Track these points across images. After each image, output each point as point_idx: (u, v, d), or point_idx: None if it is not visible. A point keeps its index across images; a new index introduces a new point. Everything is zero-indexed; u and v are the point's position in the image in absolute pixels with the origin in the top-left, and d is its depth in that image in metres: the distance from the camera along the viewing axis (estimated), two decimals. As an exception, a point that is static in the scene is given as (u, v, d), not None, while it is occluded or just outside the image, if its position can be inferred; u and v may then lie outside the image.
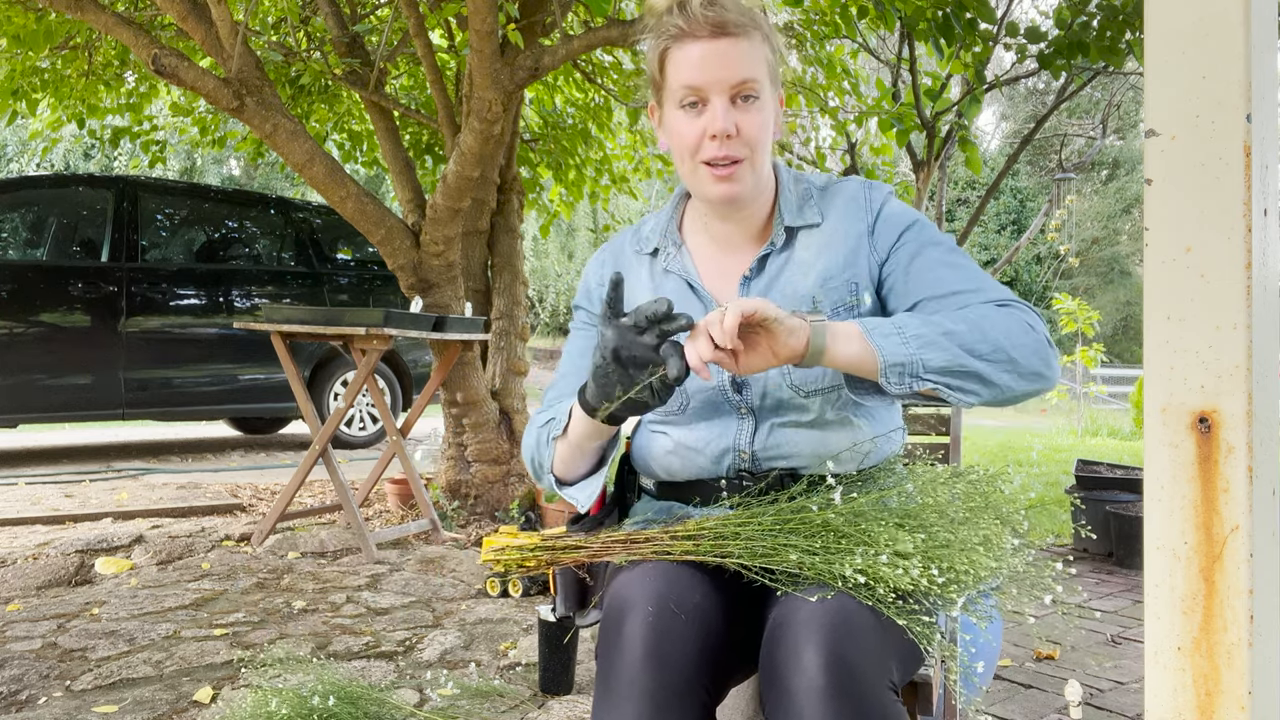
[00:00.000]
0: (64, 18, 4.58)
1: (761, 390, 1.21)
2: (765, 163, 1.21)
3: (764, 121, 1.17)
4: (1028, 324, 1.10)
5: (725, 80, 1.14)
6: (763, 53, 1.17)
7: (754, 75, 1.15)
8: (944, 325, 1.06)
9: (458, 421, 4.29)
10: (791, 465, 1.22)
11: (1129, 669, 2.55)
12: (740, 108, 1.15)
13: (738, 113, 1.15)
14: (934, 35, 3.98)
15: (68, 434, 8.23)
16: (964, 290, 1.14)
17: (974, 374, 1.05)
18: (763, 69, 1.16)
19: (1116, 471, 4.29)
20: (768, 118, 1.18)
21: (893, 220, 1.22)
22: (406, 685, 2.26)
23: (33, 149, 13.43)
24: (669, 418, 1.27)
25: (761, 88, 1.16)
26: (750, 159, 1.17)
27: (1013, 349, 1.07)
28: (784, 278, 1.23)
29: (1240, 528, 0.69)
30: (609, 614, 1.09)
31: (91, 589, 3.11)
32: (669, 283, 1.29)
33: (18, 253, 6.07)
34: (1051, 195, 15.23)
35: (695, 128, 1.16)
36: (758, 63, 1.16)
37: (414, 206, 4.26)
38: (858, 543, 1.06)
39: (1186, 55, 0.71)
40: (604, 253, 1.38)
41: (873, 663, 0.99)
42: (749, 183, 1.19)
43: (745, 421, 1.23)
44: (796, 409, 1.21)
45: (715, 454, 1.23)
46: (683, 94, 1.16)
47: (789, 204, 1.26)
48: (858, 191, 1.25)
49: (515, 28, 3.51)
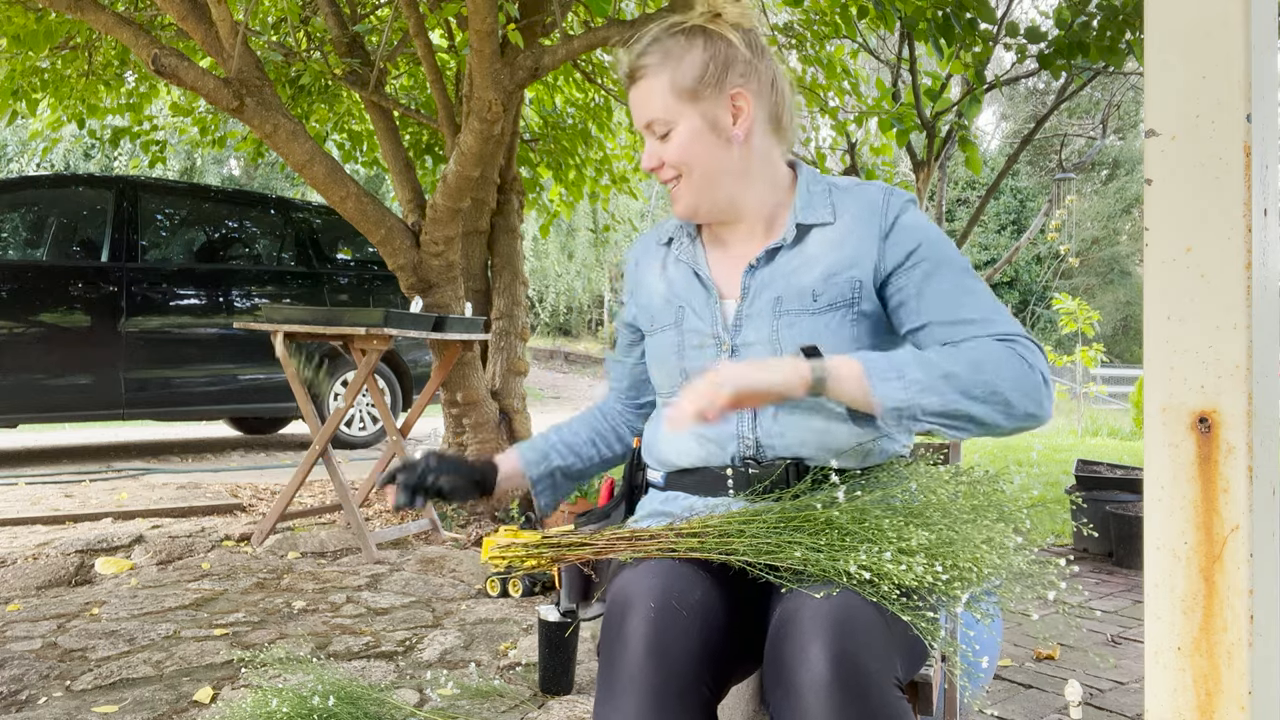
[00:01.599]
0: (64, 18, 4.59)
1: None
2: (715, 175, 1.26)
3: (683, 144, 1.25)
4: (1027, 364, 1.13)
5: (640, 124, 1.28)
6: (667, 82, 1.23)
7: (654, 115, 1.25)
8: (943, 367, 1.11)
9: (458, 421, 4.29)
10: (796, 455, 1.23)
11: (1129, 669, 2.55)
12: (661, 139, 1.26)
13: (661, 145, 1.26)
14: (934, 35, 3.98)
15: (68, 434, 8.23)
16: (974, 320, 1.17)
17: (968, 416, 1.11)
18: (666, 101, 1.24)
19: (1116, 471, 4.28)
20: (689, 139, 1.25)
21: (909, 231, 1.23)
22: (406, 685, 2.26)
23: (33, 149, 13.43)
24: (675, 396, 1.30)
25: (668, 119, 1.24)
26: (687, 176, 1.26)
27: (1009, 392, 1.11)
28: (788, 269, 1.25)
29: (1240, 528, 0.69)
30: (611, 610, 1.10)
31: (91, 589, 3.11)
32: (678, 271, 1.35)
33: (18, 253, 6.07)
34: (1051, 195, 15.23)
35: None
36: (658, 99, 1.24)
37: (414, 206, 4.26)
38: (862, 539, 1.06)
39: (1186, 55, 0.71)
40: (636, 245, 1.47)
41: (878, 659, 0.99)
42: (690, 198, 1.28)
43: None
44: None
45: (722, 439, 1.25)
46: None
47: (803, 201, 1.29)
48: (877, 196, 1.27)
49: (515, 28, 3.51)
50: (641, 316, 1.40)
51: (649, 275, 1.39)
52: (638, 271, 1.42)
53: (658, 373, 1.35)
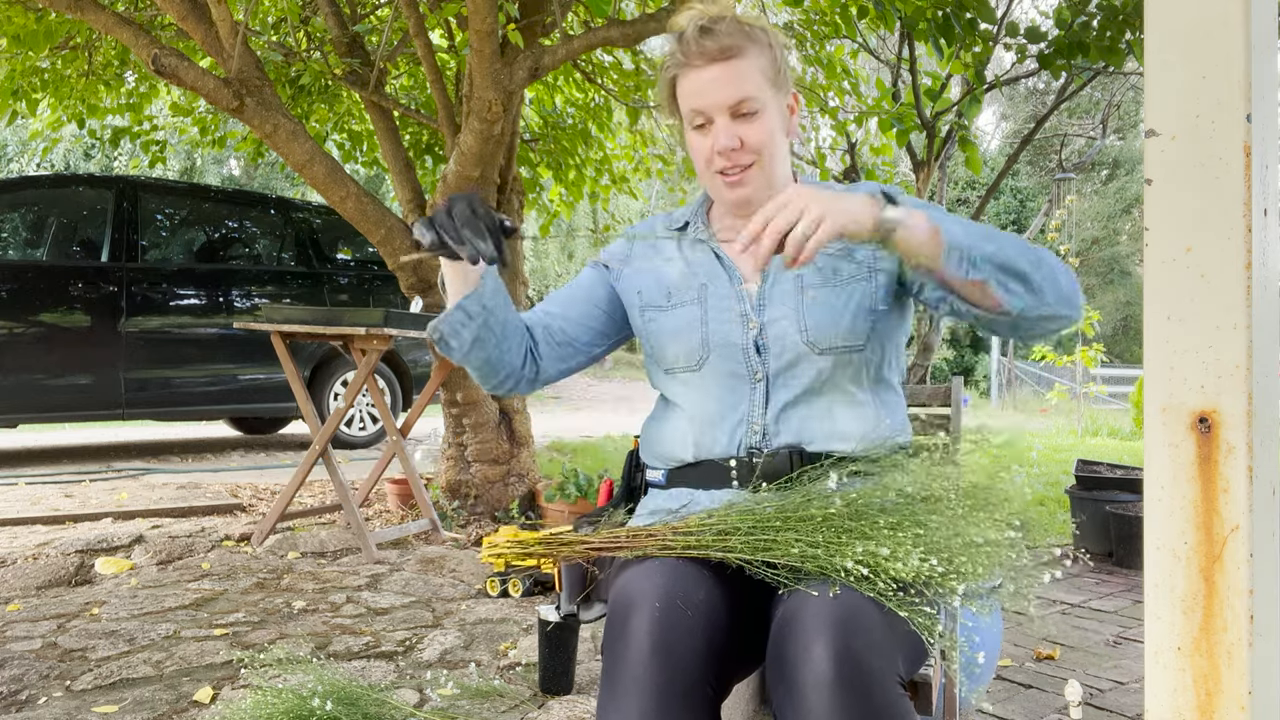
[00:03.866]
0: (64, 18, 4.58)
1: (780, 347, 1.26)
2: (779, 164, 1.29)
3: (767, 128, 1.25)
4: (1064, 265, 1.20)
5: (724, 102, 1.24)
6: (759, 65, 1.25)
7: (749, 93, 1.23)
8: (997, 233, 1.16)
9: (458, 421, 4.29)
10: (799, 442, 1.25)
11: (1129, 669, 2.55)
12: (742, 121, 1.24)
13: (740, 126, 1.24)
14: (934, 35, 3.98)
15: (68, 434, 8.23)
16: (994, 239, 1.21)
17: (1022, 274, 1.13)
18: (759, 82, 1.24)
19: (1116, 471, 4.28)
20: (772, 124, 1.26)
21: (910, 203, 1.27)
22: (406, 685, 2.26)
23: (33, 149, 13.42)
24: (686, 372, 1.31)
25: (760, 100, 1.24)
26: (759, 162, 1.26)
27: (1055, 268, 1.16)
28: None
29: (1240, 528, 0.69)
30: (614, 610, 1.10)
31: (91, 589, 3.11)
32: (697, 251, 1.36)
33: (18, 253, 6.06)
34: (1051, 195, 15.22)
35: (706, 145, 1.27)
36: (753, 79, 1.24)
37: (414, 206, 4.25)
38: (858, 535, 1.07)
39: (1186, 55, 0.71)
40: (642, 225, 1.47)
41: (880, 657, 1.00)
42: (760, 183, 1.27)
43: (757, 391, 1.27)
44: (808, 374, 1.25)
45: (729, 427, 1.27)
46: (691, 117, 1.27)
47: None
48: (875, 188, 1.28)
49: (515, 28, 3.51)
50: (648, 292, 1.36)
51: (661, 254, 1.38)
52: (648, 248, 1.40)
53: (674, 346, 1.32)
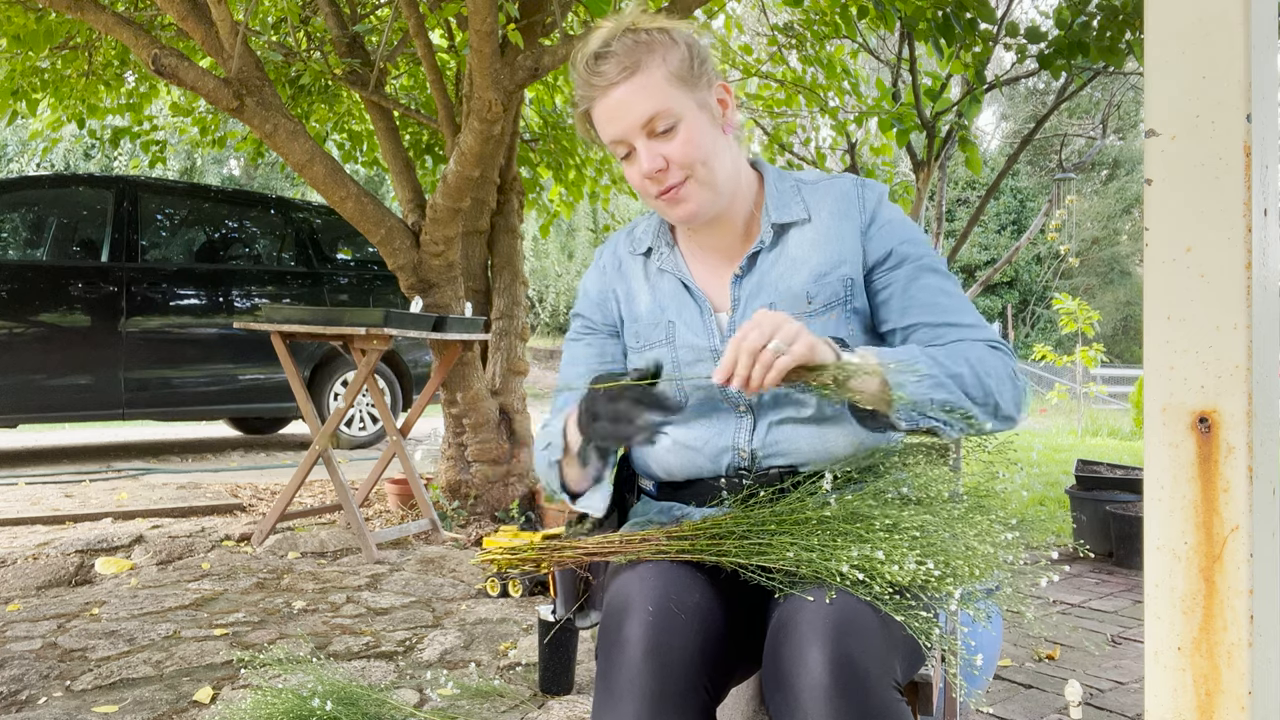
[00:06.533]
0: (64, 18, 4.58)
1: None
2: (718, 168, 1.21)
3: (690, 138, 1.17)
4: (1013, 371, 1.19)
5: (635, 124, 1.17)
6: (664, 73, 1.17)
7: (657, 108, 1.16)
8: (950, 368, 1.13)
9: (458, 421, 4.28)
10: (791, 463, 1.22)
11: (1129, 669, 2.55)
12: (661, 139, 1.17)
13: (660, 145, 1.17)
14: (934, 35, 3.98)
15: (68, 434, 8.23)
16: (959, 324, 1.20)
17: (966, 415, 1.13)
18: (667, 91, 1.17)
19: (1116, 471, 4.28)
20: (694, 131, 1.18)
21: (888, 227, 1.24)
22: (406, 685, 2.26)
23: (33, 149, 13.44)
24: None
25: (674, 110, 1.17)
26: (692, 175, 1.19)
27: (999, 397, 1.15)
28: (775, 274, 1.24)
29: (1240, 528, 0.69)
30: (609, 614, 1.09)
31: (91, 589, 3.11)
32: (664, 282, 1.31)
33: (18, 253, 6.06)
34: (1051, 195, 15.23)
35: (635, 173, 1.21)
36: (658, 91, 1.16)
37: (414, 206, 4.26)
38: (854, 538, 1.06)
39: (1186, 55, 0.71)
40: (601, 259, 1.39)
41: (877, 661, 0.99)
42: (701, 196, 1.20)
43: (744, 419, 1.23)
44: (794, 404, 1.21)
45: (714, 453, 1.23)
46: (614, 149, 1.21)
47: (774, 201, 1.27)
48: (850, 189, 1.26)
49: (515, 28, 3.51)
50: (629, 329, 1.33)
51: (630, 288, 1.33)
52: (621, 277, 1.35)
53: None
